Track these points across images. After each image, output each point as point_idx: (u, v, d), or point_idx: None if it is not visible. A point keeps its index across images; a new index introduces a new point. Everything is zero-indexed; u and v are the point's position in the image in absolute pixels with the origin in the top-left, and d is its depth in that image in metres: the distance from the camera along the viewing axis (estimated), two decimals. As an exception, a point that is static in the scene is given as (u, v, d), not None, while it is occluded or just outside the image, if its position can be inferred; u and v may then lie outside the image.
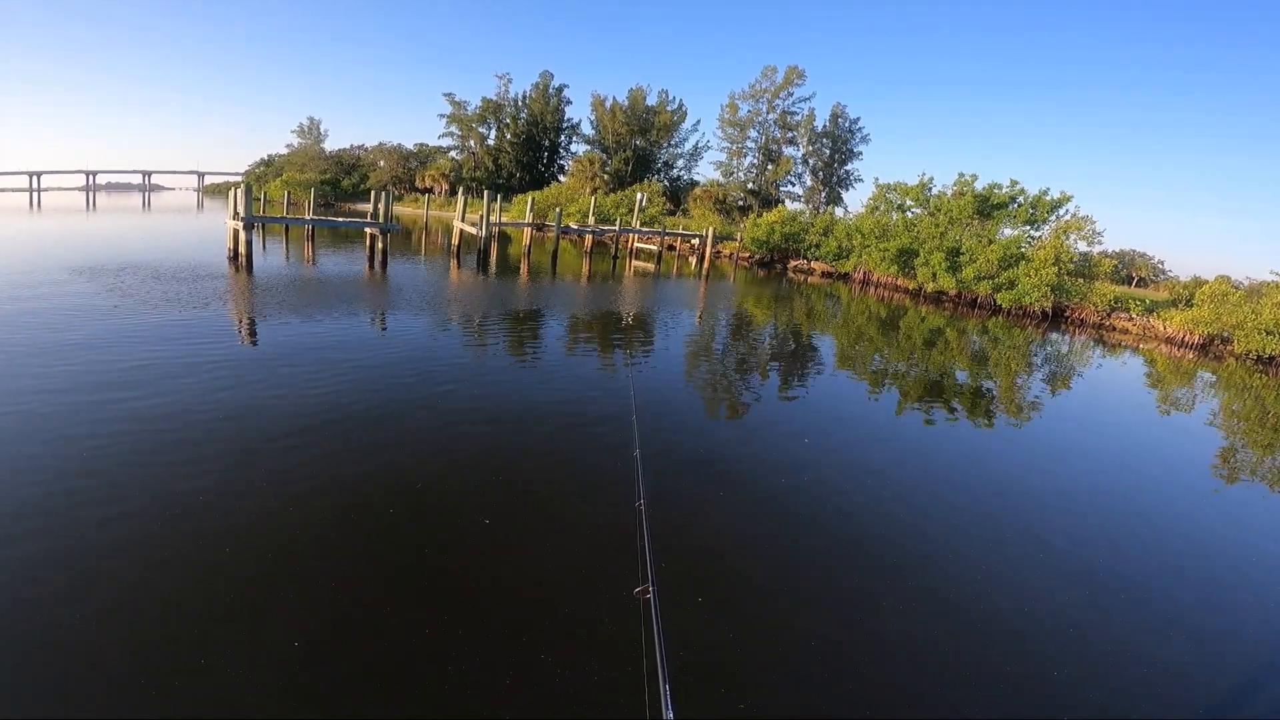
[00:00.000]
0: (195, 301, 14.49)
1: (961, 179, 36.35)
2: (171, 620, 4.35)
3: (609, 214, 50.79)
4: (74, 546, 5.05)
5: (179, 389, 8.69)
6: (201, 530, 5.39)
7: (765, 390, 12.19)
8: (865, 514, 7.14)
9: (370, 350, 11.78)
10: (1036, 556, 6.57)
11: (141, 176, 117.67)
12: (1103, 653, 5.07)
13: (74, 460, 6.44)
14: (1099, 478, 9.38)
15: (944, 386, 14.10)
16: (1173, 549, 7.27)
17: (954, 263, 32.77)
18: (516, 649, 4.35)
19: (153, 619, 4.36)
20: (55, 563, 4.83)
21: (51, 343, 10.35)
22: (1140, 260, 60.39)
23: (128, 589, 4.62)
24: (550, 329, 15.95)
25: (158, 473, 6.34)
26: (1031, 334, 25.15)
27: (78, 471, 6.21)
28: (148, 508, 5.67)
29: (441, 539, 5.71)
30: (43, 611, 4.32)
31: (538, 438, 8.30)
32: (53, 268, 17.83)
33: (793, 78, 63.00)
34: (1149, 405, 15.33)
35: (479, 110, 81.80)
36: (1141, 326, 28.70)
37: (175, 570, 4.88)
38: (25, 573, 4.70)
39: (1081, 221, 31.64)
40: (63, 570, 4.76)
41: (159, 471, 6.37)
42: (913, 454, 9.42)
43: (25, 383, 8.49)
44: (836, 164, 67.59)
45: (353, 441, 7.54)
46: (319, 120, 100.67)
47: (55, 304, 13.21)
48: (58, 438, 6.90)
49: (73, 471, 6.21)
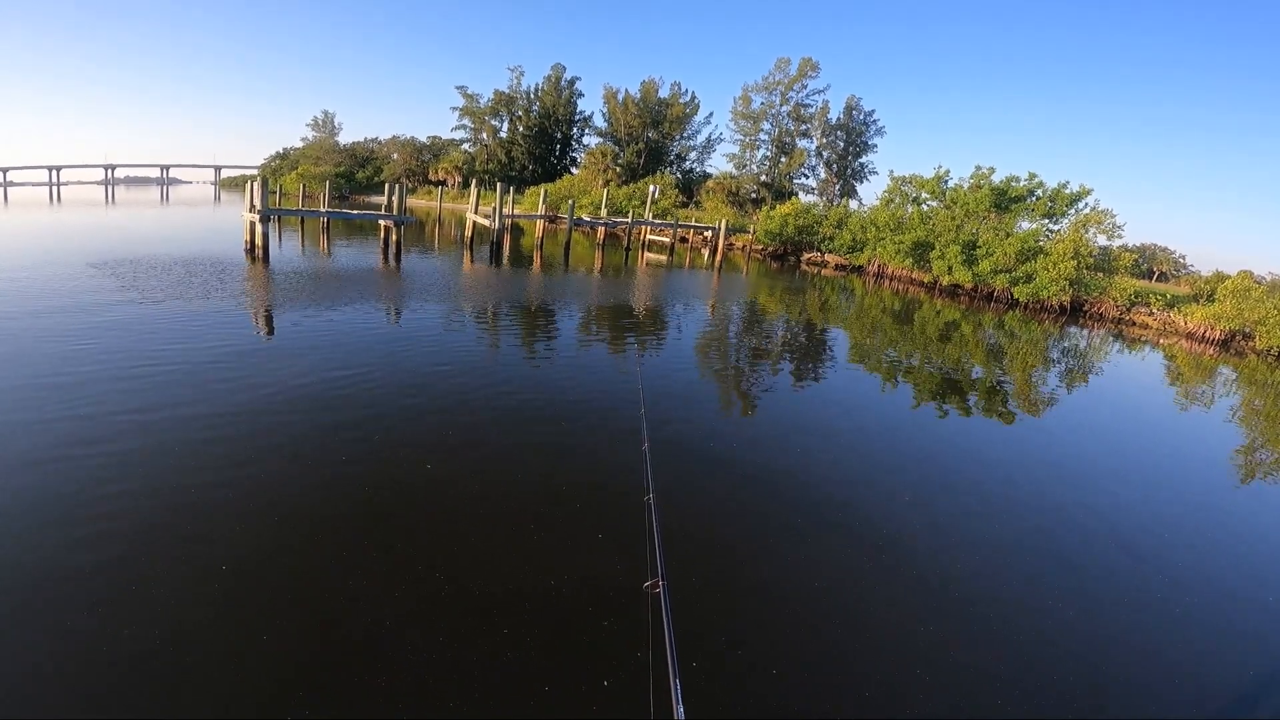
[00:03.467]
0: (223, 293, 14.71)
1: (979, 172, 35.89)
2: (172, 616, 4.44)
3: (621, 206, 50.73)
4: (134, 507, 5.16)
5: (200, 381, 8.83)
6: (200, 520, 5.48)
7: (777, 383, 12.14)
8: (878, 510, 7.11)
9: (383, 342, 11.88)
10: (1057, 557, 6.52)
11: (159, 170, 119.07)
12: (1123, 654, 5.02)
13: (94, 434, 6.57)
14: (1119, 477, 9.26)
15: (960, 381, 13.96)
16: (1189, 548, 7.17)
17: (970, 256, 32.39)
18: (525, 644, 4.34)
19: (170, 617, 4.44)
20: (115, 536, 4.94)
21: (76, 330, 10.56)
22: (1161, 254, 59.33)
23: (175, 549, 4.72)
24: (562, 321, 15.97)
25: (167, 470, 6.45)
26: (1049, 328, 24.81)
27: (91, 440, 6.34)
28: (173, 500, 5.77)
29: (448, 532, 5.69)
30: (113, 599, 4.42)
31: (548, 431, 8.31)
32: (75, 261, 18.16)
33: (806, 70, 62.37)
34: (1168, 401, 15.09)
35: (491, 103, 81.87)
36: (1162, 321, 28.22)
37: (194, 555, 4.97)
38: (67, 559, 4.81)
39: (1101, 215, 31.13)
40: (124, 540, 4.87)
41: (168, 468, 6.48)
42: (927, 448, 9.35)
43: (39, 376, 8.67)
44: (851, 156, 66.96)
45: (359, 431, 7.61)
46: (333, 113, 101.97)
47: (75, 300, 13.43)
48: (78, 416, 7.05)
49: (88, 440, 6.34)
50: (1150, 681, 4.74)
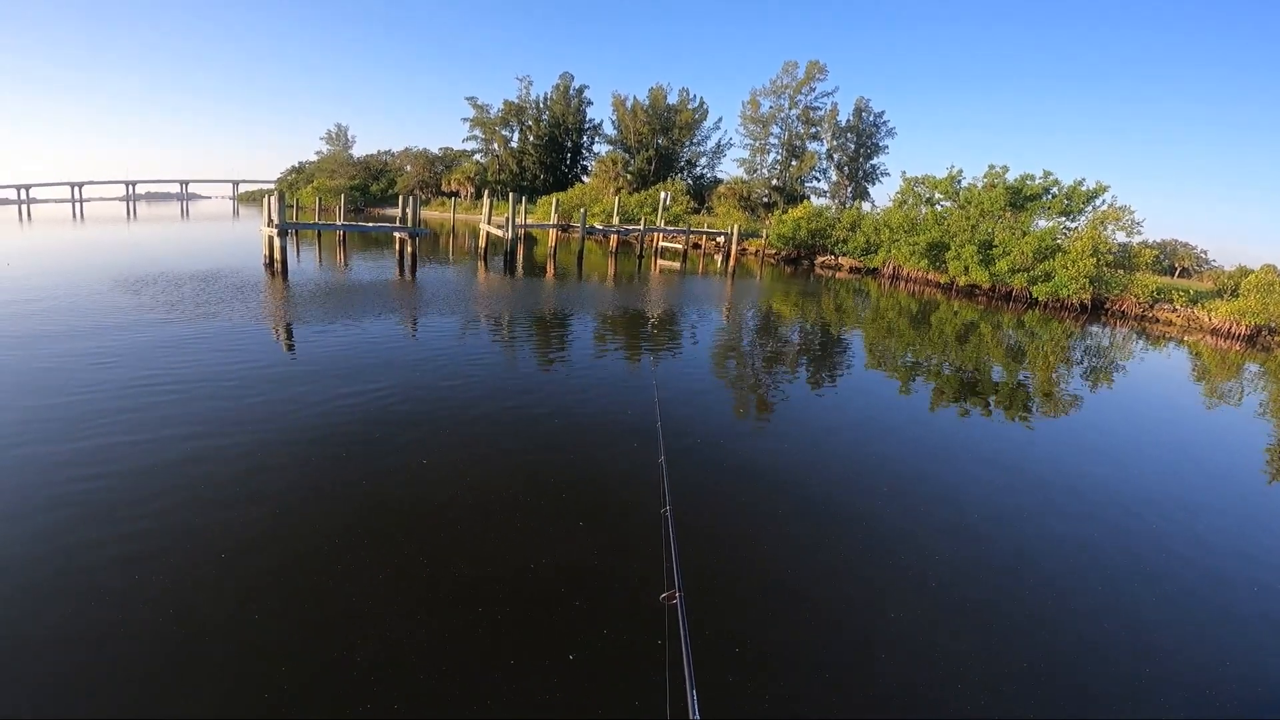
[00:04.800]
0: (245, 311, 15.00)
1: (992, 171, 35.60)
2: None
3: (633, 213, 50.86)
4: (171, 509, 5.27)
5: (237, 397, 8.99)
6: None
7: (793, 390, 12.07)
8: (895, 519, 7.00)
9: (400, 355, 12.04)
10: (1078, 557, 6.42)
11: (179, 185, 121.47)
12: (1164, 654, 4.93)
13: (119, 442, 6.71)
14: (1144, 477, 9.10)
15: (979, 382, 13.80)
16: (1219, 551, 7.03)
17: (987, 256, 32.08)
18: (542, 654, 4.31)
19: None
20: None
21: (99, 350, 10.82)
22: (1183, 250, 58.42)
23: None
24: (577, 330, 16.01)
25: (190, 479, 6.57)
26: (1070, 327, 24.48)
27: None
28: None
29: (464, 541, 5.69)
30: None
31: (564, 442, 8.30)
32: (100, 278, 18.61)
33: (814, 73, 62.23)
34: (1195, 398, 14.80)
35: (501, 113, 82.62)
36: (1186, 318, 27.74)
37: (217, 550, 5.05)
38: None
39: (1120, 211, 30.72)
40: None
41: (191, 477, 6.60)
42: (950, 453, 9.26)
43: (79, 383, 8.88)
44: (862, 158, 66.61)
45: (376, 443, 7.70)
46: (346, 127, 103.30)
47: (98, 320, 13.75)
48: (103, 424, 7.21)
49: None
50: (1194, 681, 4.64)
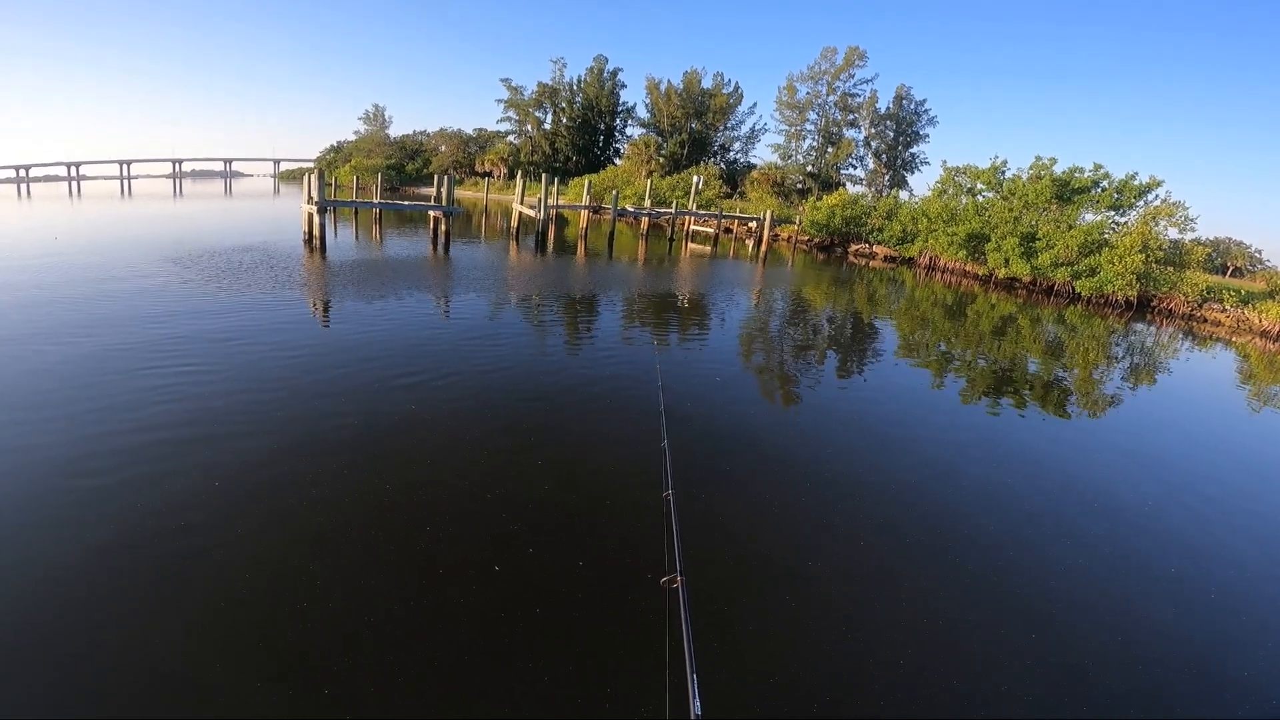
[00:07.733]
0: (290, 283, 15.48)
1: (1039, 162, 34.38)
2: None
3: (665, 197, 50.58)
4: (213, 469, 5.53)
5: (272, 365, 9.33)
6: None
7: (813, 376, 11.92)
8: (905, 508, 6.91)
9: (431, 332, 12.33)
10: (1097, 553, 6.29)
11: (223, 164, 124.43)
12: (1168, 656, 4.85)
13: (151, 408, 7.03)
14: (1179, 475, 8.86)
15: (1013, 377, 13.50)
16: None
17: (1029, 248, 31.14)
18: (540, 638, 4.26)
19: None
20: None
21: (158, 317, 11.32)
22: (1236, 249, 55.96)
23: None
24: (604, 312, 16.06)
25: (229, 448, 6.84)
26: (1114, 324, 23.69)
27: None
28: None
29: (465, 525, 5.56)
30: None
31: (573, 422, 8.25)
32: (151, 254, 19.39)
33: (853, 59, 60.71)
34: (1240, 403, 14.26)
35: (535, 95, 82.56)
36: (1235, 319, 26.61)
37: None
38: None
39: (1173, 207, 29.47)
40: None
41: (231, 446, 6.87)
42: (967, 445, 9.08)
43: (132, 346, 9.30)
44: (901, 147, 64.93)
45: (384, 421, 7.78)
46: (383, 107, 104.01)
47: (150, 297, 14.31)
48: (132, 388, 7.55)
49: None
50: (1223, 682, 4.56)
